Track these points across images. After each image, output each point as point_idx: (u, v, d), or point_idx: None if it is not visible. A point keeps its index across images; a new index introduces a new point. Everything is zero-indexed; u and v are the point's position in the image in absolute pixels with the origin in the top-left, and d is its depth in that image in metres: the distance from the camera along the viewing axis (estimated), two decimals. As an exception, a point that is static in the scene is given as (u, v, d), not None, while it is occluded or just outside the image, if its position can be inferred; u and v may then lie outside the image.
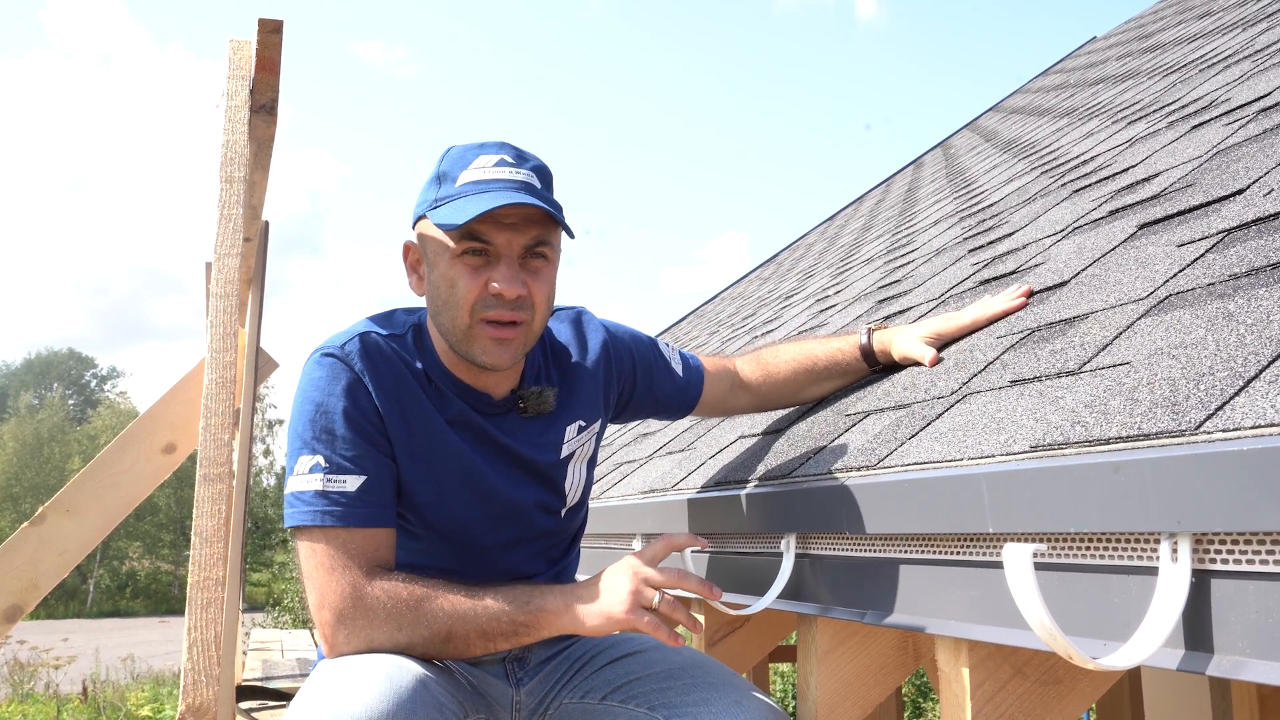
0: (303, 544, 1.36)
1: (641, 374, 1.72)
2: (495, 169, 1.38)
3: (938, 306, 2.17)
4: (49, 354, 60.12)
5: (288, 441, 1.43)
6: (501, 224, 1.36)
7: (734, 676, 1.46)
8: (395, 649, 1.29)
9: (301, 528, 1.35)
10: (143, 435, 2.55)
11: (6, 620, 2.39)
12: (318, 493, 1.35)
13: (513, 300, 1.37)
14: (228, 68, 2.11)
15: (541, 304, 1.42)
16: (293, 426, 1.43)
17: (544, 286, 1.41)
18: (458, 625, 1.31)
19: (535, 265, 1.40)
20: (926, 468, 1.17)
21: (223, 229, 1.87)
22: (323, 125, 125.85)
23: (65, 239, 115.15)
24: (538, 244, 1.39)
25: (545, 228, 1.40)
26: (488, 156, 1.39)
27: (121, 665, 13.56)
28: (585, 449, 1.63)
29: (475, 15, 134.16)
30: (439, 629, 1.31)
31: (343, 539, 1.34)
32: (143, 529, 36.21)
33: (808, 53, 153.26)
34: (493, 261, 1.38)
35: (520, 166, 1.40)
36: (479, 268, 1.37)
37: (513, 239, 1.37)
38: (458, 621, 1.31)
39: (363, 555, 1.34)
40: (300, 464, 1.38)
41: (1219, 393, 0.88)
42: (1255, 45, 2.93)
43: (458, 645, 1.33)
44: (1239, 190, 1.51)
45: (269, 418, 41.33)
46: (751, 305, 6.35)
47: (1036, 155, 3.95)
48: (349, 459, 1.37)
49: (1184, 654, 0.83)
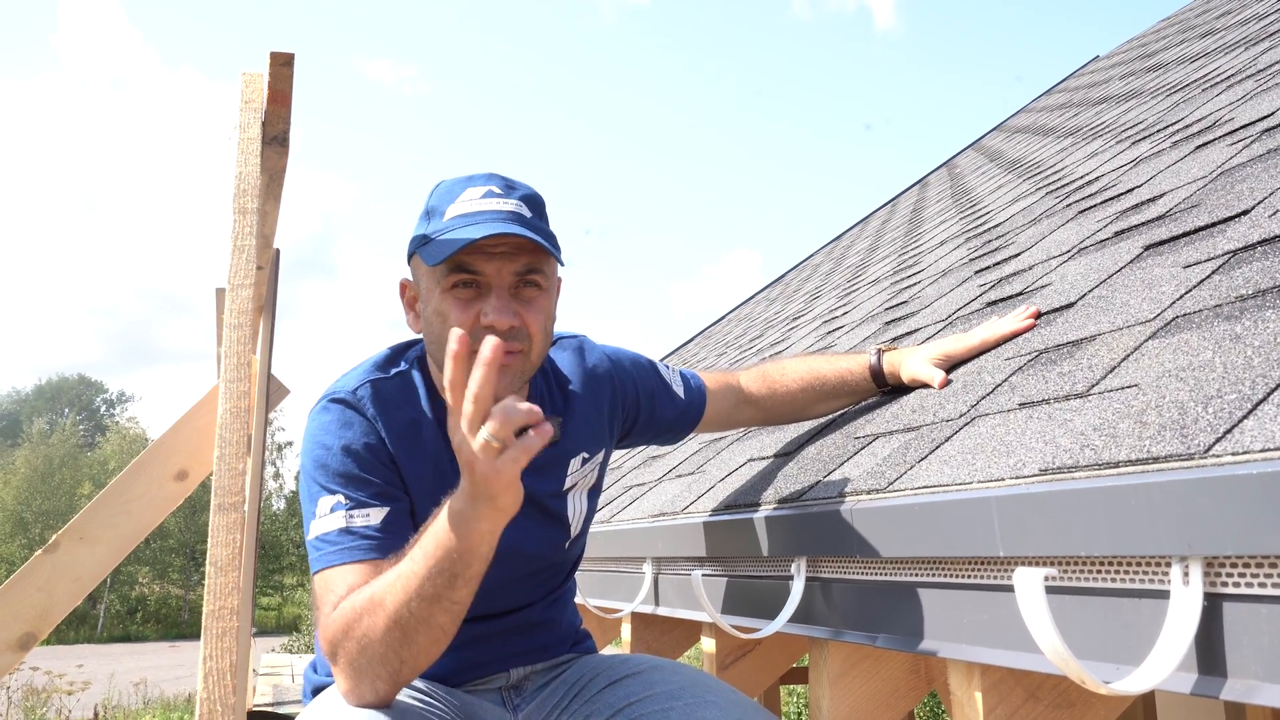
0: (320, 581, 1.31)
1: (644, 400, 1.72)
2: (482, 200, 1.36)
3: (945, 328, 2.18)
4: (59, 379, 60.41)
5: (302, 488, 1.40)
6: (490, 254, 1.34)
7: (737, 695, 1.44)
8: (381, 673, 1.21)
9: (325, 569, 1.31)
10: (155, 462, 2.57)
11: (20, 648, 2.40)
12: (341, 530, 1.31)
13: (504, 332, 1.33)
14: (240, 100, 2.14)
15: (538, 333, 1.39)
16: (306, 472, 1.40)
17: (538, 315, 1.38)
18: (401, 607, 1.17)
19: (528, 294, 1.38)
20: (936, 491, 1.18)
21: (236, 260, 1.89)
22: (332, 146, 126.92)
23: (76, 262, 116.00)
24: (529, 271, 1.36)
25: (536, 255, 1.37)
26: (475, 189, 1.38)
27: (133, 690, 13.55)
28: (588, 479, 1.62)
29: (485, 29, 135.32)
30: (387, 621, 1.18)
31: (349, 574, 1.29)
32: (151, 554, 36.18)
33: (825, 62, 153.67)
34: (484, 293, 1.35)
35: (508, 196, 1.38)
36: (470, 300, 1.35)
37: (502, 268, 1.35)
38: (401, 601, 1.17)
39: (354, 582, 1.29)
40: (320, 506, 1.34)
41: (1227, 415, 0.88)
42: (1258, 65, 2.94)
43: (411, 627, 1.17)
44: (1244, 211, 1.51)
45: (278, 440, 41.46)
46: (759, 326, 6.35)
47: (1041, 175, 3.96)
48: (370, 495, 1.35)
49: (1197, 678, 0.83)
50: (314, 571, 1.33)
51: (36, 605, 2.39)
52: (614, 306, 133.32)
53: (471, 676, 1.53)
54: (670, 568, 2.09)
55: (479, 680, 1.53)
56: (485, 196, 1.37)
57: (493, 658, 1.54)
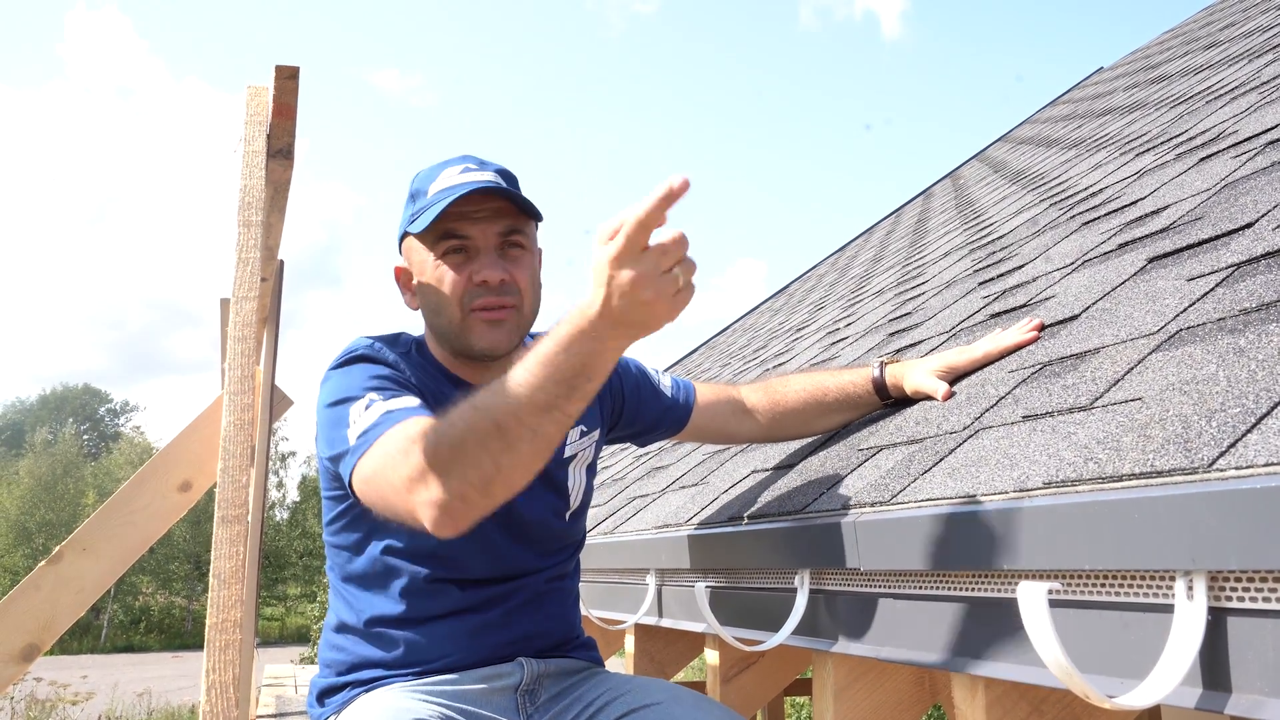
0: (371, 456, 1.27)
1: (630, 392, 1.79)
2: (461, 175, 1.49)
3: (949, 339, 2.17)
4: (64, 389, 60.51)
5: (328, 419, 1.40)
6: (475, 219, 1.46)
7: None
8: (474, 478, 1.14)
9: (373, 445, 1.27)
10: (159, 473, 2.57)
11: (24, 659, 2.40)
12: (385, 413, 1.31)
13: (497, 286, 1.46)
14: (245, 113, 2.16)
15: (528, 288, 1.50)
16: (329, 404, 1.40)
17: (525, 272, 1.50)
18: (501, 413, 1.12)
19: (514, 254, 1.49)
20: (940, 504, 1.17)
21: (240, 272, 1.90)
22: (339, 156, 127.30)
23: (83, 272, 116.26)
24: (511, 232, 1.48)
25: (517, 218, 1.49)
26: (453, 167, 1.51)
27: (137, 701, 13.53)
28: (585, 454, 1.68)
29: (492, 39, 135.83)
30: (484, 426, 1.13)
31: (406, 425, 1.25)
32: (155, 564, 36.13)
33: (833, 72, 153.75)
34: (473, 255, 1.47)
35: (484, 169, 1.51)
36: (461, 264, 1.47)
37: (487, 229, 1.47)
38: (500, 407, 1.12)
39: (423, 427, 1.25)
40: (355, 411, 1.34)
41: (1231, 429, 0.88)
42: (1262, 77, 2.94)
43: (513, 434, 1.12)
44: (1248, 224, 1.51)
45: (282, 450, 41.47)
46: (763, 337, 6.35)
47: (1046, 187, 3.96)
48: (402, 388, 1.40)
49: (1201, 693, 0.83)
50: (366, 449, 1.28)
51: (40, 616, 2.39)
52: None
53: (483, 659, 1.52)
54: (674, 579, 2.09)
55: (492, 675, 1.53)
56: (463, 171, 1.50)
57: (503, 640, 1.54)
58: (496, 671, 1.53)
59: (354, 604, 1.55)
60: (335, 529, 1.56)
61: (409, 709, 1.37)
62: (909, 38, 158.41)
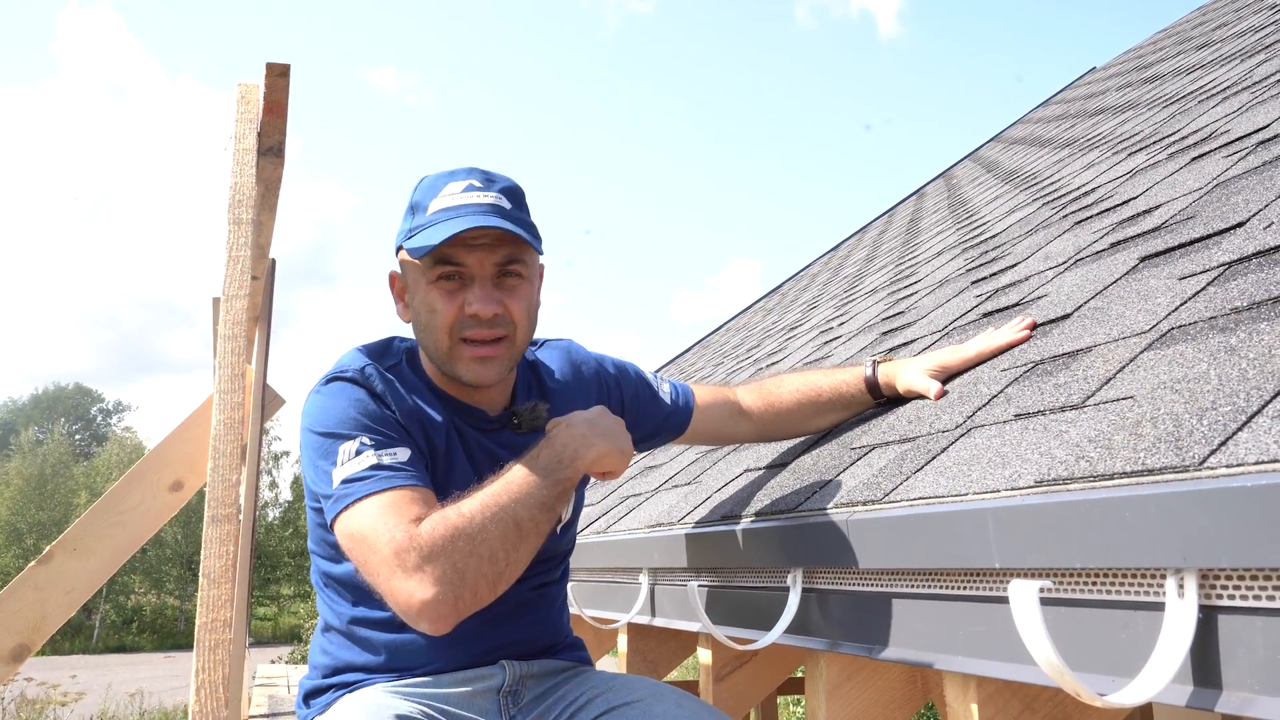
0: (360, 514, 1.29)
1: (629, 401, 1.75)
2: (464, 194, 1.43)
3: (941, 339, 2.18)
4: (55, 389, 60.28)
5: (311, 450, 1.39)
6: (472, 246, 1.40)
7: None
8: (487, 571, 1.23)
9: (360, 499, 1.29)
10: (150, 473, 2.56)
11: (13, 659, 2.39)
12: (374, 465, 1.32)
13: (489, 320, 1.42)
14: (235, 111, 2.15)
15: (521, 320, 1.46)
16: (314, 434, 1.40)
17: (520, 303, 1.45)
18: (519, 510, 1.27)
19: (510, 284, 1.45)
20: (932, 502, 1.17)
21: (231, 270, 1.89)
22: (333, 154, 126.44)
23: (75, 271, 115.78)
24: (509, 262, 1.43)
25: (516, 246, 1.44)
26: (456, 183, 1.44)
27: (129, 701, 13.49)
28: None
29: (488, 38, 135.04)
30: (506, 522, 1.26)
31: (406, 497, 1.29)
32: (147, 563, 36.02)
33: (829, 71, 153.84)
34: (467, 283, 1.42)
35: (488, 189, 1.44)
36: (454, 291, 1.42)
37: (484, 259, 1.42)
38: (518, 506, 1.27)
39: (422, 506, 1.29)
40: (342, 453, 1.34)
41: (1222, 428, 0.88)
42: (1254, 77, 2.95)
43: (527, 530, 1.27)
44: (1239, 223, 1.52)
45: (274, 449, 41.37)
46: (756, 336, 6.36)
47: (1038, 186, 3.97)
48: (391, 436, 1.38)
49: (1192, 690, 0.83)
50: (352, 502, 1.30)
51: (30, 617, 2.38)
52: (616, 317, 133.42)
53: (465, 664, 1.51)
54: (666, 578, 2.08)
55: (474, 677, 1.52)
56: (466, 190, 1.44)
57: (485, 648, 1.53)
58: (479, 674, 1.52)
59: (336, 608, 1.54)
60: (319, 535, 1.55)
61: (390, 705, 1.37)
62: (905, 37, 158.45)
